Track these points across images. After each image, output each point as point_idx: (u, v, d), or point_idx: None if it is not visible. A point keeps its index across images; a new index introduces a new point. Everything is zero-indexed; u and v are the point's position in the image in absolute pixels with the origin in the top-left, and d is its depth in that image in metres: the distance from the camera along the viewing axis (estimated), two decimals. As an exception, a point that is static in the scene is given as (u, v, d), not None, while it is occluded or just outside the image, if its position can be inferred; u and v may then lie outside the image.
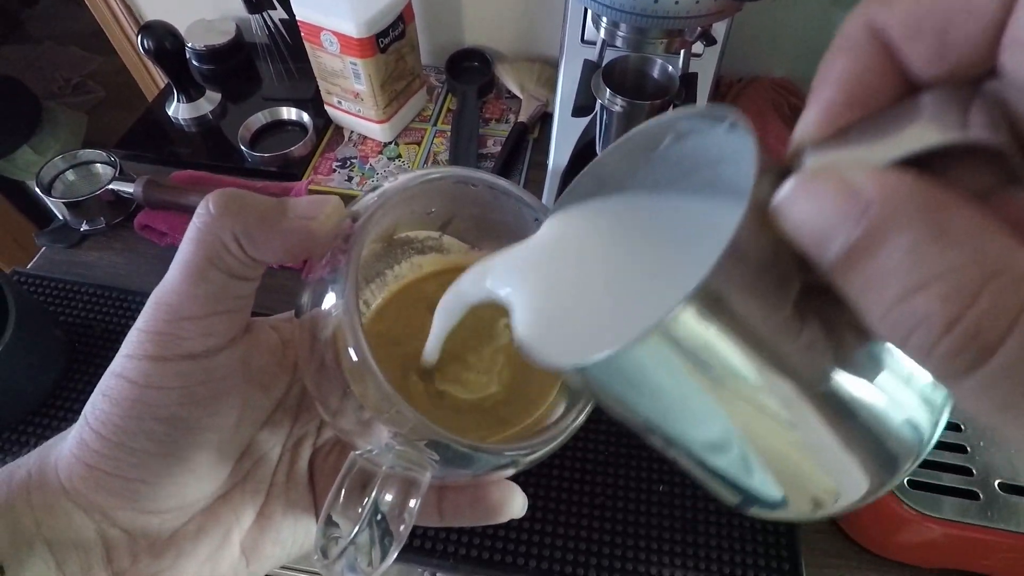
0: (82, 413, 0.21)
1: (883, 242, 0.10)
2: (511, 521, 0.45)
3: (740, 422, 0.15)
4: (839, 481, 0.15)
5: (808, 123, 0.13)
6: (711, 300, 0.12)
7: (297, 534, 0.25)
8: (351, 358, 0.19)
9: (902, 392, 0.14)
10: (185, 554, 0.22)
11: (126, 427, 0.20)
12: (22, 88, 1.26)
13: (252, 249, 0.20)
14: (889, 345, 0.13)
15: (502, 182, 0.24)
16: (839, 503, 0.15)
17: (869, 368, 0.14)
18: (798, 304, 0.13)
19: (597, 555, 0.44)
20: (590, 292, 0.19)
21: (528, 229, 0.25)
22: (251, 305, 0.22)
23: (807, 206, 0.11)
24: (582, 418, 0.22)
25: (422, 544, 0.45)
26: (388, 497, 0.20)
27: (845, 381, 0.14)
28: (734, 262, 0.12)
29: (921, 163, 0.11)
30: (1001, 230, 0.10)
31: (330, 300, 0.20)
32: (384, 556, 0.20)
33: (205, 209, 0.20)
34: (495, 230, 0.26)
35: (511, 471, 0.23)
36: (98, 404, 0.20)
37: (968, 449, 0.42)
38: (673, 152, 0.18)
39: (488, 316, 0.25)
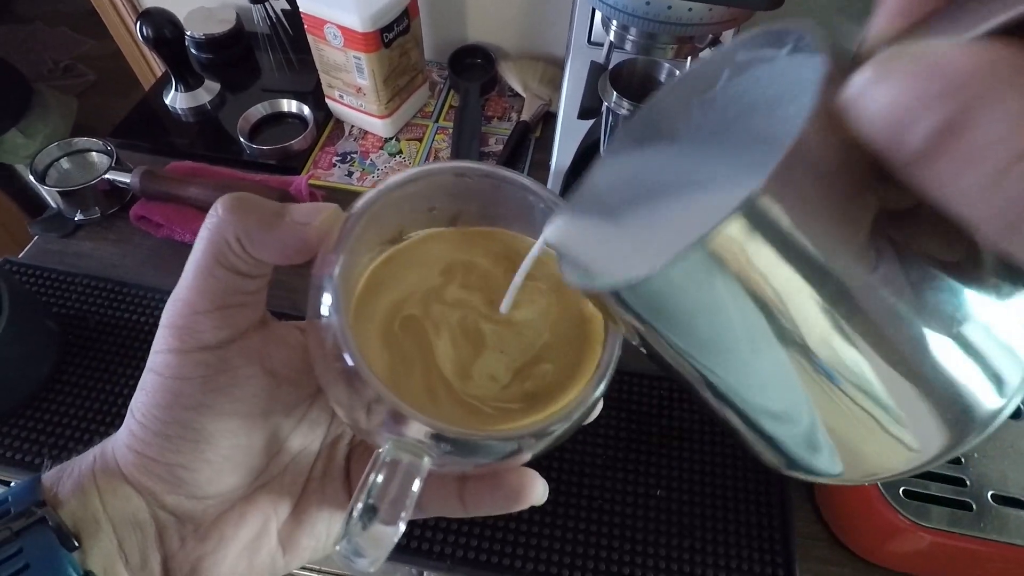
0: (129, 407, 0.23)
1: (981, 115, 0.09)
2: (508, 523, 0.45)
3: (802, 363, 0.13)
4: (911, 432, 0.14)
5: (881, 17, 0.12)
6: (768, 210, 0.11)
7: (331, 528, 0.26)
8: (347, 361, 0.20)
9: (984, 341, 0.13)
10: (227, 539, 0.23)
11: (161, 416, 0.22)
12: (11, 70, 1.23)
13: (252, 248, 0.21)
14: (970, 290, 0.12)
15: (499, 170, 0.24)
16: (917, 458, 0.14)
17: (949, 311, 0.13)
18: (874, 234, 0.12)
19: (594, 558, 0.44)
20: (641, 219, 0.18)
21: (534, 215, 0.25)
22: (262, 301, 0.24)
23: (884, 93, 0.10)
24: (593, 399, 0.22)
25: (419, 545, 0.45)
26: (389, 485, 0.20)
27: (921, 323, 0.13)
28: (796, 168, 0.11)
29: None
30: None
31: (326, 303, 0.20)
32: (386, 540, 0.21)
33: (214, 211, 0.21)
34: (503, 220, 0.26)
35: (524, 457, 0.23)
36: (138, 397, 0.22)
37: (963, 460, 0.42)
38: (727, 93, 0.17)
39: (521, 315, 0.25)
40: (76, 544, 0.21)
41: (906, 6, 0.12)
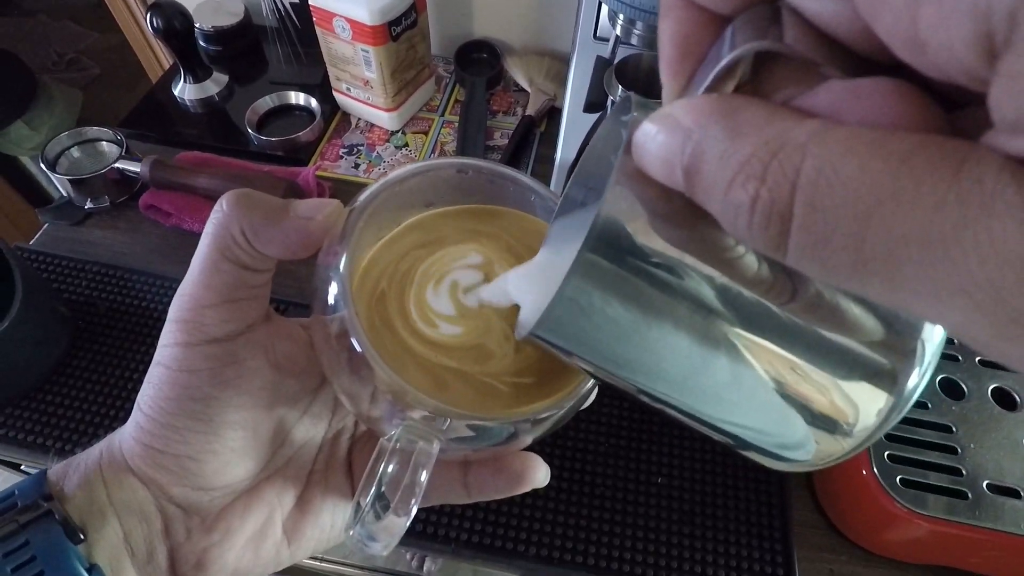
0: (136, 401, 0.23)
1: (704, 156, 0.12)
2: (511, 508, 0.46)
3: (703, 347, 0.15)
4: (853, 402, 0.15)
5: (664, 86, 0.15)
6: (611, 235, 0.14)
7: (335, 519, 0.27)
8: (356, 349, 0.20)
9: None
10: (233, 530, 0.24)
11: (169, 408, 0.22)
12: (16, 62, 1.24)
13: (257, 242, 0.22)
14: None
15: (499, 168, 0.25)
16: (857, 426, 0.16)
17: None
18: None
19: (596, 544, 0.45)
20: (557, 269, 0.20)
21: (532, 212, 0.25)
22: (267, 295, 0.24)
23: (650, 148, 0.13)
24: (586, 388, 0.23)
25: (424, 529, 0.45)
26: (400, 471, 0.21)
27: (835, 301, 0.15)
28: (624, 199, 0.14)
29: (757, 79, 0.13)
30: (786, 115, 0.11)
31: (332, 294, 0.21)
32: (398, 527, 0.21)
33: (219, 207, 0.22)
34: None
35: (523, 441, 0.23)
36: (146, 391, 0.23)
37: (959, 450, 0.43)
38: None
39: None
40: (82, 537, 0.21)
41: (674, 72, 0.15)
